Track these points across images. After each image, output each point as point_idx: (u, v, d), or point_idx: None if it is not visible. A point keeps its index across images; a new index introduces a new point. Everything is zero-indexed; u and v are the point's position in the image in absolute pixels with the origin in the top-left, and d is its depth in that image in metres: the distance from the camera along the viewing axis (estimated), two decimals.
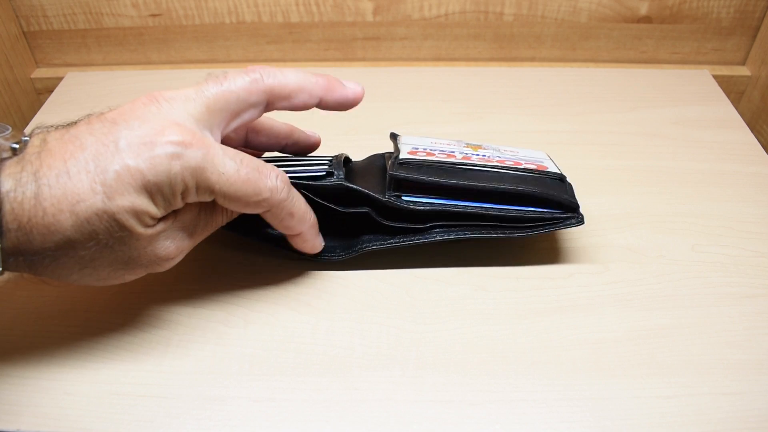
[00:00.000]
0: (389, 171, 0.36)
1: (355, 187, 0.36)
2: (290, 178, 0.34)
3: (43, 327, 0.35)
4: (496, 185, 0.36)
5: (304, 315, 0.36)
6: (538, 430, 0.30)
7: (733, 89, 0.60)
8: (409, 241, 0.37)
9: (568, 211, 0.36)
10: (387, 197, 0.36)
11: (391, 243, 0.37)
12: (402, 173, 0.36)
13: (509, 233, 0.36)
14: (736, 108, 0.53)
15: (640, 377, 0.32)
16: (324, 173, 0.35)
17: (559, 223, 0.36)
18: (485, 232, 0.37)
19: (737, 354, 0.33)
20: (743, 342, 0.34)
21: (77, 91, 0.56)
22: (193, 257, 0.39)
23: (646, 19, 0.57)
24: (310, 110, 0.34)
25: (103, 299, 0.36)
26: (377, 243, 0.37)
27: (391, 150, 0.42)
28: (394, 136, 0.42)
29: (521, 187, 0.36)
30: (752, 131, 0.50)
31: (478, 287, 0.37)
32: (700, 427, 0.30)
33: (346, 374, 0.32)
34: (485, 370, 0.33)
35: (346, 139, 0.49)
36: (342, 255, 0.38)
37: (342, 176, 0.36)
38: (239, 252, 0.39)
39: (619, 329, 0.35)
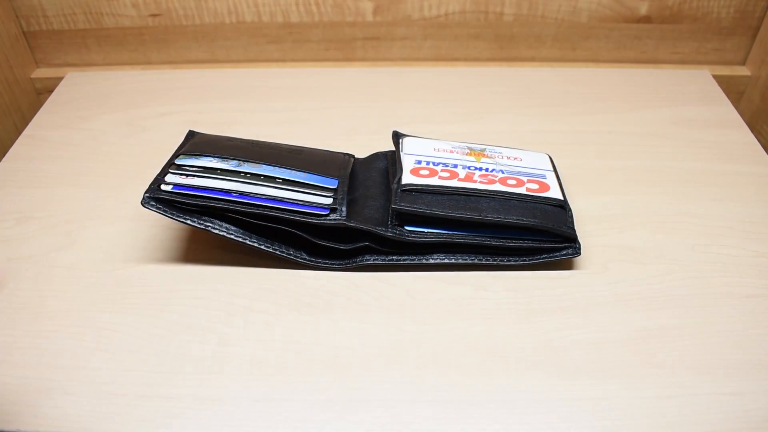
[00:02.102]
0: (393, 204, 0.37)
1: (357, 226, 0.36)
2: (291, 213, 0.35)
3: (43, 327, 0.35)
4: (497, 218, 0.36)
5: (305, 315, 0.36)
6: (538, 430, 0.30)
7: (733, 89, 0.60)
8: (410, 260, 0.38)
9: (567, 241, 0.37)
10: (390, 230, 0.37)
11: (392, 259, 0.38)
12: (405, 206, 0.36)
13: (507, 261, 0.38)
14: (736, 108, 0.53)
15: (640, 377, 0.32)
16: (327, 211, 0.36)
17: (556, 252, 0.37)
18: (484, 259, 0.38)
19: (737, 354, 0.33)
20: (743, 342, 0.34)
21: (77, 91, 0.56)
22: (193, 259, 0.39)
23: (646, 19, 0.57)
24: (309, 110, 0.34)
25: (103, 299, 0.36)
26: (379, 259, 0.38)
27: (392, 148, 0.42)
28: (396, 137, 0.42)
29: (522, 220, 0.36)
30: (752, 131, 0.50)
31: (478, 287, 0.37)
32: (700, 427, 0.30)
33: (346, 374, 0.32)
34: (485, 370, 0.33)
35: (346, 139, 0.49)
36: (342, 264, 0.38)
37: (344, 213, 0.36)
38: (239, 253, 0.39)
39: (619, 329, 0.35)
